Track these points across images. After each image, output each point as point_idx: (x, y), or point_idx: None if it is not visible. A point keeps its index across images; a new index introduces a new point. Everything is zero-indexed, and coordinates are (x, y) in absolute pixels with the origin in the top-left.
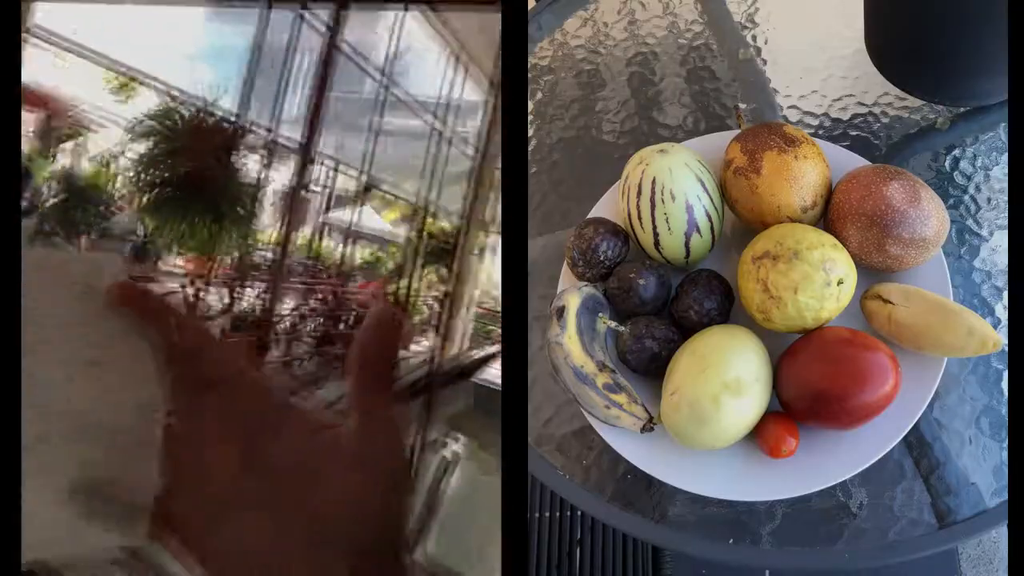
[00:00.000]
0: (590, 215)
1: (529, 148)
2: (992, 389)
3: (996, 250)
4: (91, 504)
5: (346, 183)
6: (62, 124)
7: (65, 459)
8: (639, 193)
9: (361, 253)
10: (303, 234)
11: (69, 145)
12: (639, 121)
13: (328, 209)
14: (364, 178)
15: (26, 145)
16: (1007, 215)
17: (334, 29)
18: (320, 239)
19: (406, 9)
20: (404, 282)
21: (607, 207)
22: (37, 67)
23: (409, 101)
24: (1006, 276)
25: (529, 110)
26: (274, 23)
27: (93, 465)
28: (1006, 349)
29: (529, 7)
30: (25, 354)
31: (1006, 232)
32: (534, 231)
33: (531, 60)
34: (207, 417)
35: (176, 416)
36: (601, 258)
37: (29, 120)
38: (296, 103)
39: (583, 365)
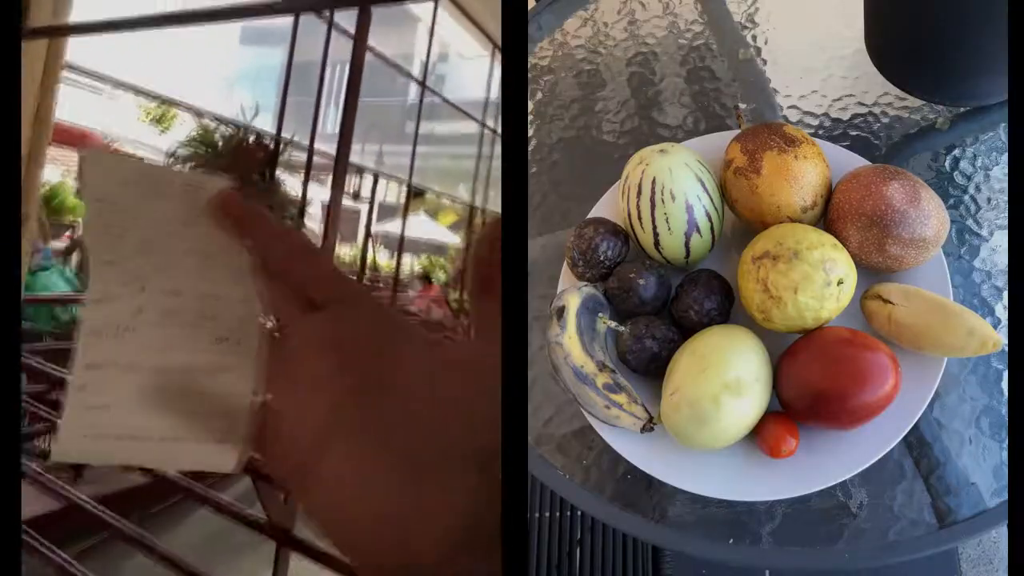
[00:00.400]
0: (590, 215)
1: (529, 148)
2: (992, 389)
3: (996, 250)
4: (185, 398)
5: (393, 191)
6: None
7: (160, 339)
8: (639, 193)
9: (417, 262)
10: (354, 247)
11: None
12: (639, 121)
13: (375, 219)
14: (410, 185)
15: (67, 183)
16: (1007, 215)
17: (360, 33)
18: (368, 250)
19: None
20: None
21: (607, 207)
22: (74, 104)
23: (452, 103)
24: (1006, 276)
25: (529, 110)
26: (306, 38)
27: (189, 351)
28: (1006, 349)
29: (529, 7)
30: (117, 241)
31: (1006, 232)
32: (534, 231)
33: (531, 60)
34: (315, 334)
35: (283, 331)
36: (601, 258)
37: (68, 158)
38: (336, 116)
39: (583, 365)
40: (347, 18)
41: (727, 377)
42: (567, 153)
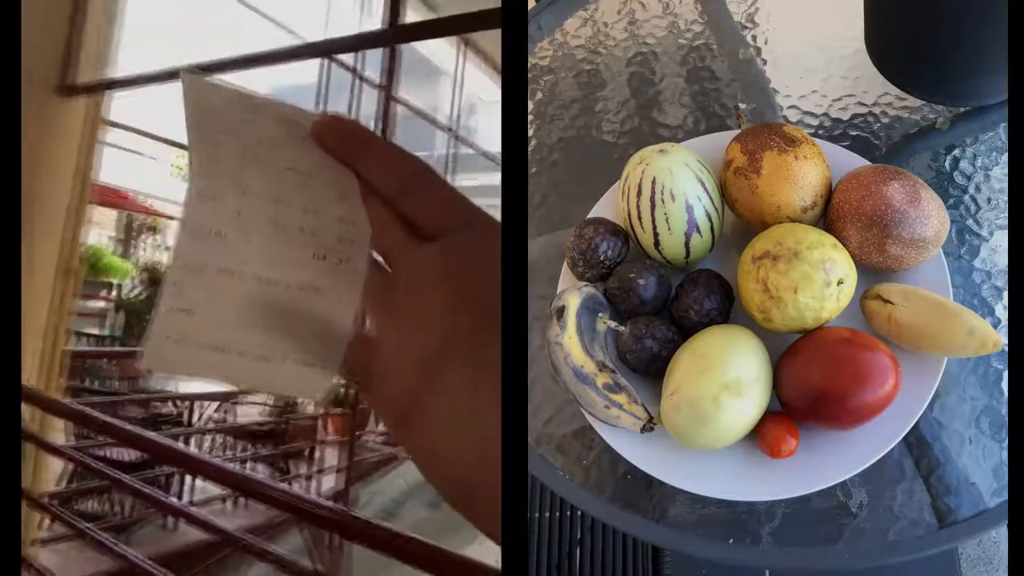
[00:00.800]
0: (590, 215)
1: (529, 148)
2: (992, 389)
3: (996, 250)
4: (278, 313)
5: None
6: (139, 219)
7: (256, 247)
8: (639, 193)
9: None
10: None
11: (148, 239)
12: (639, 121)
13: None
14: None
15: (108, 244)
16: (1007, 215)
17: (389, 79)
18: None
19: (466, 41)
20: None
21: (607, 207)
22: (113, 164)
23: (482, 154)
24: (1006, 276)
25: (529, 110)
26: (335, 93)
27: (285, 265)
28: (1006, 349)
29: (529, 7)
30: (216, 149)
31: (1006, 232)
32: (534, 231)
33: (531, 60)
34: (428, 267)
35: (393, 260)
36: (601, 258)
37: (108, 219)
38: None
39: (583, 365)
40: (374, 69)
41: (727, 377)
42: (567, 153)
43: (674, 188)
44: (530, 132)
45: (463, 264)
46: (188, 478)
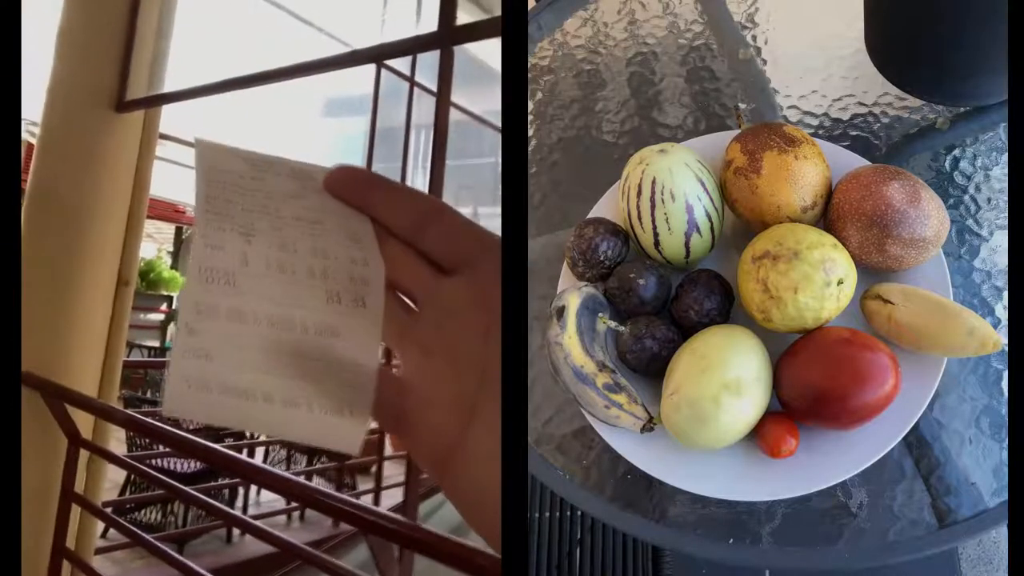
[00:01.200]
0: (590, 215)
1: (529, 148)
2: (992, 389)
3: (996, 250)
4: (294, 358)
5: None
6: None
7: (267, 291)
8: (639, 193)
9: None
10: None
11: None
12: (639, 121)
13: None
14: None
15: (163, 257)
16: (1007, 215)
17: (443, 87)
18: None
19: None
20: None
21: (607, 207)
22: (167, 178)
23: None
24: (1006, 276)
25: (529, 110)
26: (390, 103)
27: (297, 308)
28: (1006, 349)
29: (529, 7)
30: (225, 206)
31: (1006, 232)
32: (534, 231)
33: (531, 60)
34: (455, 301)
35: (417, 298)
36: (601, 258)
37: (163, 232)
38: (424, 179)
39: (583, 365)
40: (430, 76)
41: (727, 377)
42: (567, 153)
43: (674, 188)
44: (530, 132)
45: (489, 293)
46: (248, 491)
